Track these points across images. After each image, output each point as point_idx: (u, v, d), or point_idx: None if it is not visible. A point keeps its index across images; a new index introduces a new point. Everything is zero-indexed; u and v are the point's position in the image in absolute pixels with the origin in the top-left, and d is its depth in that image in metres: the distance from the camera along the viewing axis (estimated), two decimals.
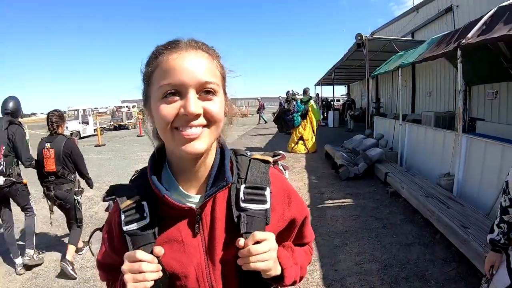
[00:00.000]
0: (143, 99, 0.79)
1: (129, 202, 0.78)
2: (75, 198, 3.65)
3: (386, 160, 6.63)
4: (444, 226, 3.45)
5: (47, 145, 3.43)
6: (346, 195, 5.51)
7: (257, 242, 0.72)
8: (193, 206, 0.77)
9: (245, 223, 0.74)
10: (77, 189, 3.68)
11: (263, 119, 22.08)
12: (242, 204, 0.76)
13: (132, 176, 0.88)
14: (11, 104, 3.55)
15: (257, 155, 0.88)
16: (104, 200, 0.86)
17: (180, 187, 0.79)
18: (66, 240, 4.00)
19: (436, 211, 3.64)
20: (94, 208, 5.59)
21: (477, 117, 7.50)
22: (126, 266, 0.71)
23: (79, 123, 18.87)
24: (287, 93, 10.76)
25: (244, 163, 0.84)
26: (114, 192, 0.83)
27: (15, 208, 3.71)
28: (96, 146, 14.21)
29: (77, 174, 3.70)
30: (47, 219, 4.09)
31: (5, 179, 3.35)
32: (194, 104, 0.67)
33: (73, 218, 3.68)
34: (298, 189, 5.94)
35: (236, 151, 0.88)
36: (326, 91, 25.14)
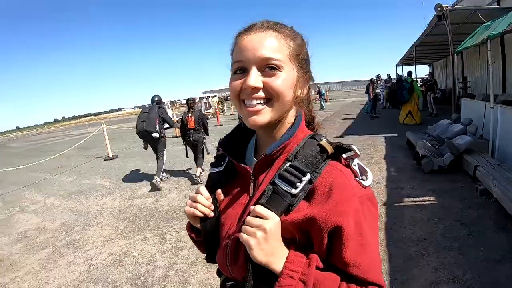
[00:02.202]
0: None
1: (220, 152, 0.98)
2: (204, 141, 6.83)
3: (476, 150, 5.82)
4: None
5: (189, 114, 6.61)
6: (428, 192, 4.92)
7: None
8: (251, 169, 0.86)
9: (266, 196, 0.75)
10: (204, 137, 6.85)
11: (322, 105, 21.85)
12: (275, 179, 0.77)
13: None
14: (157, 98, 7.18)
15: (325, 142, 0.79)
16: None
17: (253, 150, 0.94)
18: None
19: None
20: (160, 201, 5.95)
21: None
22: (190, 194, 0.91)
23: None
24: (377, 76, 14.29)
25: (309, 145, 0.82)
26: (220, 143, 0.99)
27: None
28: (173, 137, 14.85)
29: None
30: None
31: (158, 134, 6.75)
32: (253, 78, 0.76)
33: (201, 152, 6.85)
34: (375, 183, 5.51)
35: (314, 134, 0.87)
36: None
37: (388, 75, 17.72)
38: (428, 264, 3.14)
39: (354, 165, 0.77)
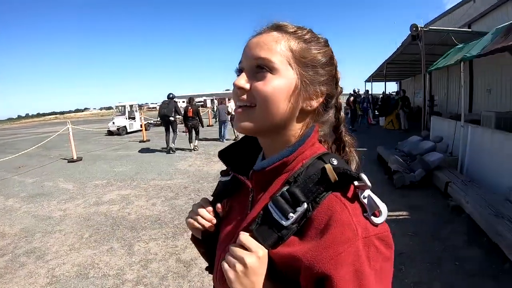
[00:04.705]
0: None
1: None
2: (198, 125, 11.26)
3: (446, 166, 6.04)
4: None
5: (189, 107, 10.86)
6: (401, 206, 5.01)
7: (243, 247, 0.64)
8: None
9: (257, 223, 0.66)
10: (199, 123, 11.24)
11: None
12: (269, 204, 0.65)
13: None
14: (171, 95, 10.97)
15: (330, 167, 0.63)
16: None
17: (259, 161, 0.82)
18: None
19: (509, 235, 3.16)
20: (127, 208, 5.73)
21: None
22: (194, 204, 0.87)
23: (126, 118, 19.26)
24: (353, 91, 16.79)
25: (313, 167, 0.66)
26: None
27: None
28: (140, 141, 14.63)
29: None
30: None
31: (173, 118, 10.81)
32: (240, 77, 0.69)
33: (198, 134, 11.63)
34: None
35: (324, 154, 0.70)
36: (377, 88, 25.07)
37: (357, 91, 18.14)
38: (406, 278, 3.17)
39: (364, 198, 0.61)
